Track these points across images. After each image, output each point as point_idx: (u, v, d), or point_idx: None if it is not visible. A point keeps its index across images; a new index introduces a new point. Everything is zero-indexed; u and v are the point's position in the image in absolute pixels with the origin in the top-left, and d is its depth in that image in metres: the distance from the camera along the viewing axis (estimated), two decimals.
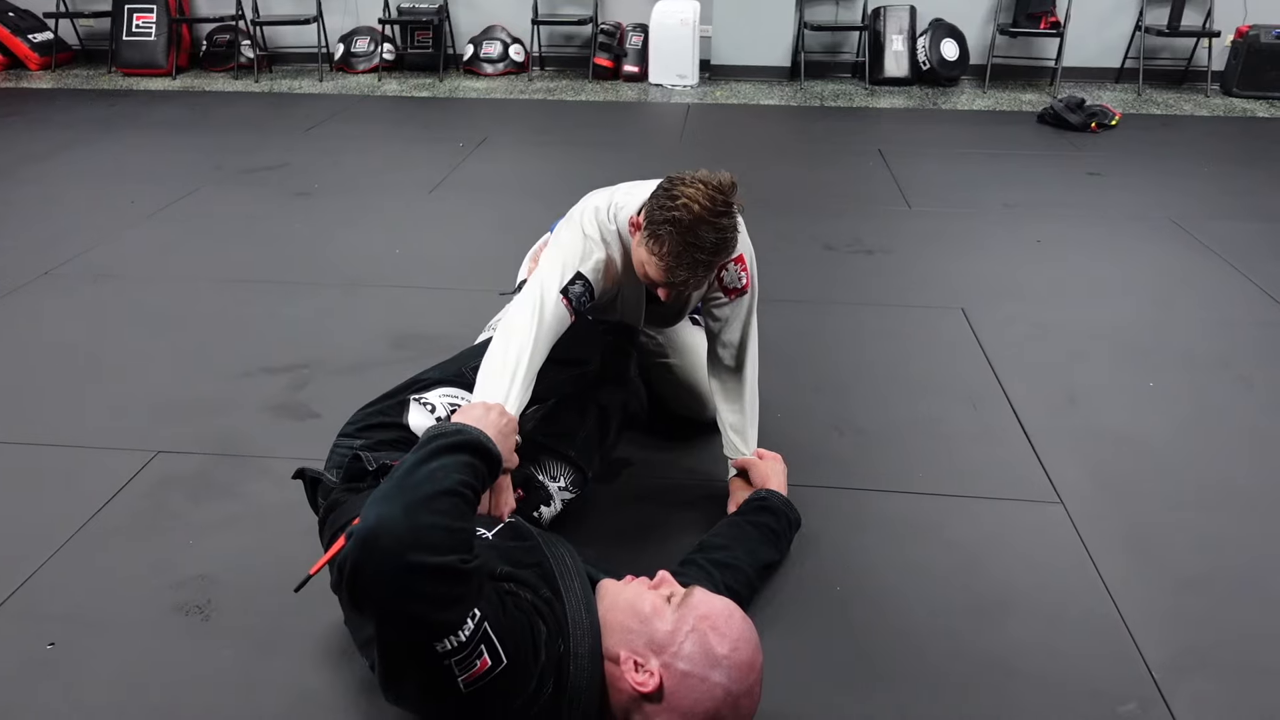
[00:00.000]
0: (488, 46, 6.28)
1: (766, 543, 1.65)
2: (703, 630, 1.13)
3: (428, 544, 1.03)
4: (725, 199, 1.48)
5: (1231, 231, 3.42)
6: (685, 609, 1.16)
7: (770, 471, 1.78)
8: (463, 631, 1.04)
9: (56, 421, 2.19)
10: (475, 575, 1.08)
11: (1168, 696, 1.45)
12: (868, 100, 5.66)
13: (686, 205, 1.46)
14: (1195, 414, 2.25)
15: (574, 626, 1.19)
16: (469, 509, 1.15)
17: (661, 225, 1.48)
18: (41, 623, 1.58)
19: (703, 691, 1.10)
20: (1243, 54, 5.66)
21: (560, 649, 1.16)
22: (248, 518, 1.86)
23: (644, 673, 1.13)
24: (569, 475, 1.68)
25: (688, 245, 1.47)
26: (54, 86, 5.93)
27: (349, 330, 2.64)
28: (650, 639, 1.15)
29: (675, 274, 1.51)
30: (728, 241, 1.50)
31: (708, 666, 1.11)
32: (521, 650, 1.12)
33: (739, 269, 1.77)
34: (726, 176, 1.51)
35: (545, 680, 1.14)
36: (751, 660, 1.14)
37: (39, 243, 3.28)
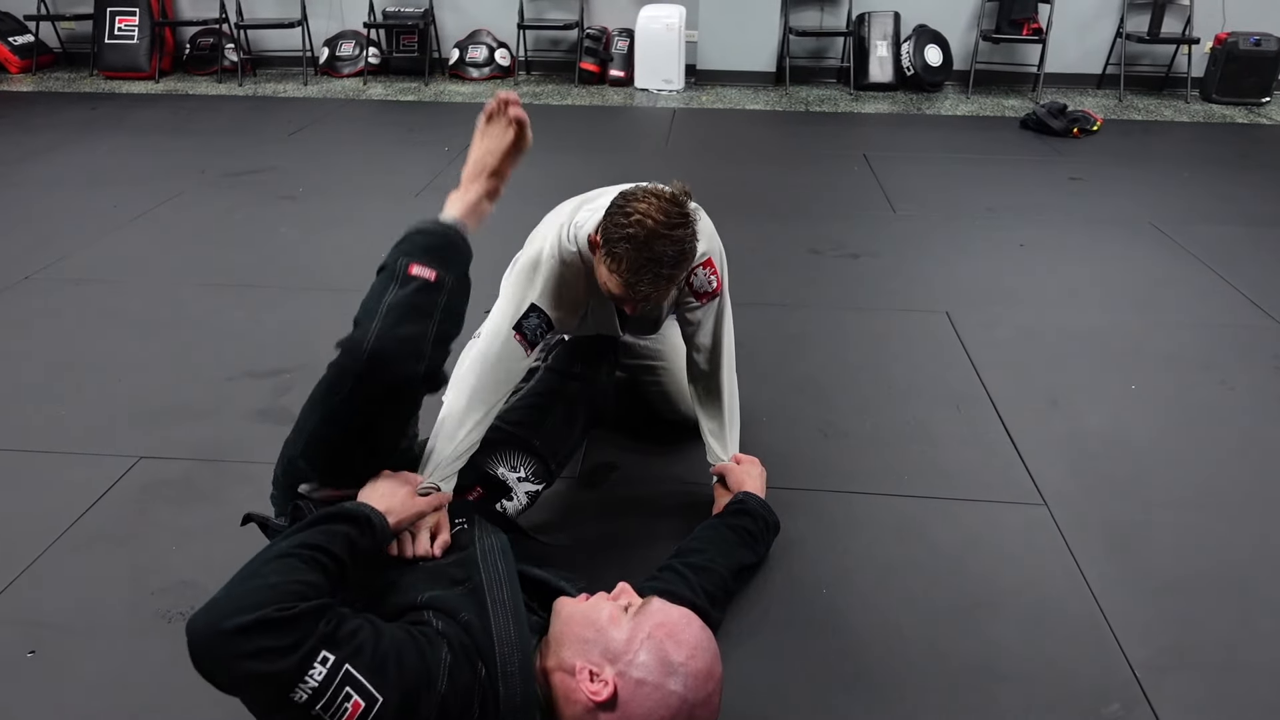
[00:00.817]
0: (473, 51, 6.27)
1: (743, 545, 1.64)
2: (658, 638, 1.12)
3: (240, 607, 1.02)
4: (679, 209, 1.48)
5: (1211, 235, 3.46)
6: (641, 617, 1.15)
7: (746, 475, 1.78)
8: (311, 677, 1.00)
9: (38, 427, 2.17)
10: (304, 619, 1.03)
11: (1151, 696, 1.46)
12: (852, 105, 5.69)
13: (640, 221, 1.45)
14: (1177, 416, 2.27)
15: (500, 644, 1.16)
16: (305, 565, 1.11)
17: (618, 244, 1.46)
18: (22, 629, 1.57)
19: (657, 700, 1.09)
20: (1221, 61, 5.73)
21: (482, 672, 1.13)
22: (230, 524, 1.83)
23: (598, 682, 1.11)
24: (530, 465, 1.68)
25: (646, 261, 1.46)
26: (35, 90, 5.88)
27: (333, 335, 2.58)
28: (605, 648, 1.13)
29: (637, 290, 1.50)
30: (686, 253, 1.50)
31: (663, 674, 1.10)
32: (406, 681, 1.05)
33: (709, 273, 1.76)
34: (678, 186, 1.52)
35: (465, 706, 1.10)
36: (709, 669, 1.12)
37: (19, 247, 3.25)
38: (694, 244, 1.51)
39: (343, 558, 1.17)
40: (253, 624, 1.00)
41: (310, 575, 1.10)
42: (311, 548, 1.14)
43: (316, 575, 1.11)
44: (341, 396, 1.34)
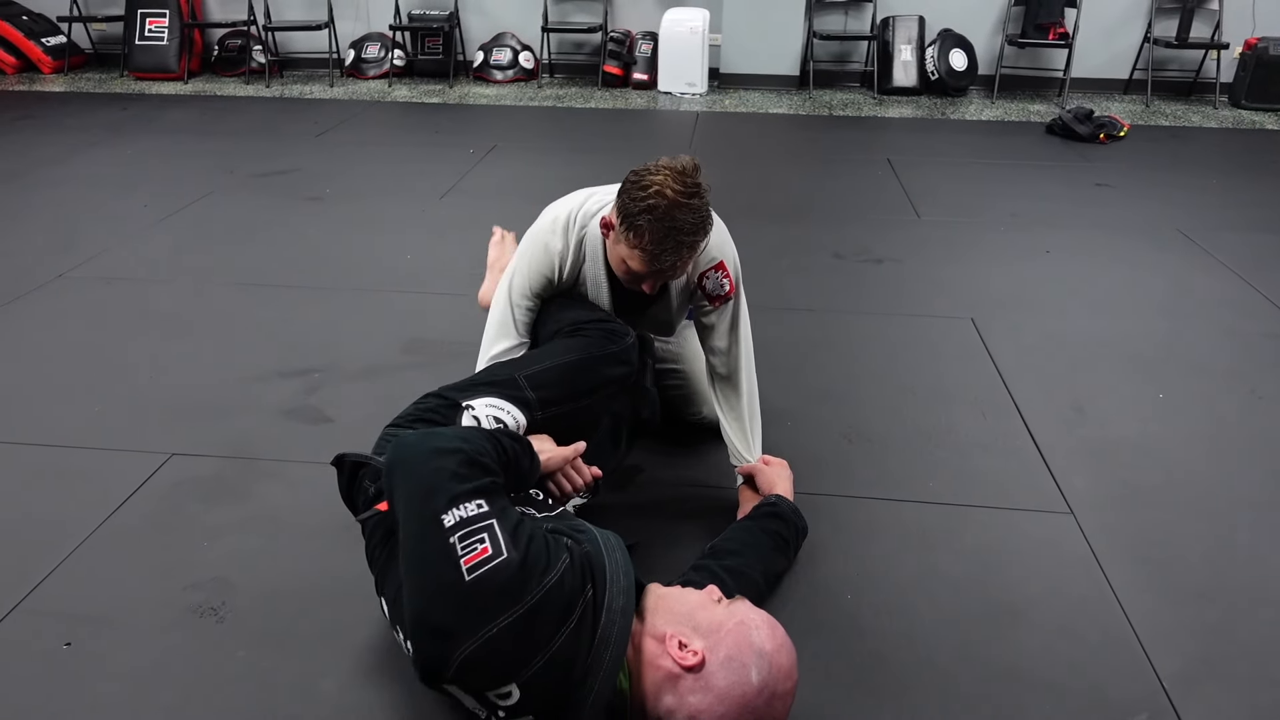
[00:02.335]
0: (497, 53, 6.31)
1: (777, 550, 1.66)
2: (749, 626, 1.18)
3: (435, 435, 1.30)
4: (694, 180, 1.52)
5: (1239, 243, 3.42)
6: (735, 606, 1.23)
7: (777, 477, 1.79)
8: (464, 509, 1.16)
9: (71, 423, 2.20)
10: (481, 471, 1.23)
11: (1179, 707, 1.45)
12: (876, 110, 5.67)
13: (659, 192, 1.49)
14: (1204, 425, 2.25)
15: (611, 581, 1.22)
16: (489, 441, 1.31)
17: (639, 216, 1.51)
18: (58, 622, 1.59)
19: (741, 676, 1.14)
20: (1251, 66, 5.67)
21: (589, 592, 1.19)
22: (261, 520, 1.87)
23: (688, 651, 1.16)
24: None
25: (668, 231, 1.50)
26: (67, 90, 5.97)
27: (361, 335, 2.65)
28: (697, 624, 1.20)
29: (660, 260, 1.53)
30: (704, 221, 1.54)
31: (750, 656, 1.15)
32: (529, 557, 1.15)
33: (721, 276, 1.78)
34: (689, 160, 1.55)
35: (568, 607, 1.15)
36: (790, 668, 1.18)
37: (53, 246, 3.31)
38: (709, 215, 1.56)
39: (511, 459, 1.35)
40: (449, 449, 1.23)
41: (492, 448, 1.30)
42: (492, 437, 1.34)
43: (496, 452, 1.30)
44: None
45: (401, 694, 1.45)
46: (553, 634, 1.14)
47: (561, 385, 1.64)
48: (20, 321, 2.75)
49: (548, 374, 1.65)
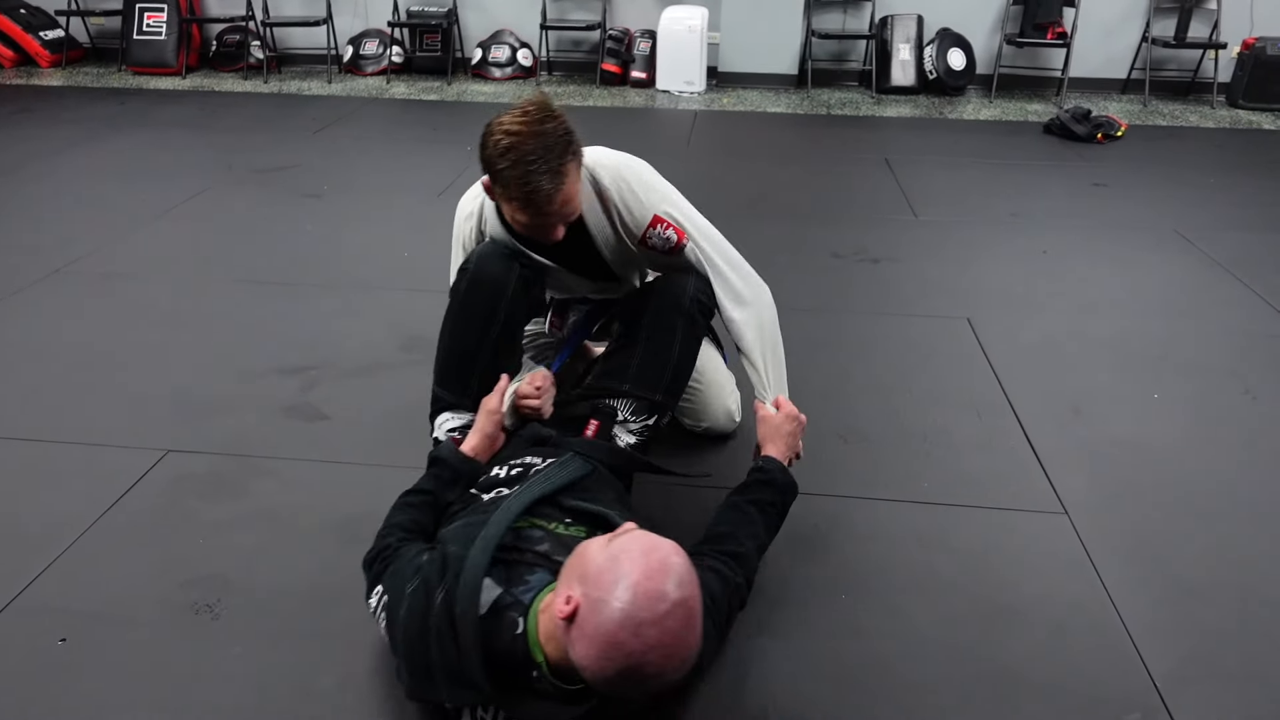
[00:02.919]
0: (496, 50, 6.30)
1: (767, 521, 1.63)
2: (619, 559, 1.13)
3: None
4: (538, 107, 1.52)
5: (1236, 243, 3.43)
6: (613, 544, 1.17)
7: (775, 431, 1.73)
8: (371, 602, 1.38)
9: (67, 419, 2.20)
10: (374, 563, 1.42)
11: (1171, 706, 1.46)
12: (874, 109, 5.67)
13: (505, 131, 1.50)
14: (1200, 425, 2.26)
15: (466, 572, 1.25)
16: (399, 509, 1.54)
17: (497, 163, 1.51)
18: (53, 618, 1.60)
19: (605, 614, 1.09)
20: (1249, 66, 5.67)
21: (438, 598, 1.25)
22: (257, 517, 1.87)
23: (569, 603, 1.13)
24: (628, 407, 1.74)
25: (526, 167, 1.49)
26: (64, 84, 5.96)
27: (358, 332, 2.65)
28: (582, 572, 1.16)
29: (535, 200, 1.51)
30: (561, 143, 1.51)
31: (614, 589, 1.10)
32: (390, 610, 1.31)
33: (663, 229, 1.74)
34: (532, 95, 1.56)
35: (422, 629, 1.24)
36: (662, 590, 1.10)
37: (49, 241, 3.30)
38: (569, 131, 1.53)
39: (433, 489, 1.56)
40: (362, 563, 1.47)
41: (397, 517, 1.51)
42: (408, 492, 1.57)
43: (402, 514, 1.51)
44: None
45: (398, 691, 1.45)
46: (425, 651, 1.24)
47: (448, 361, 1.79)
48: (16, 316, 2.74)
49: (439, 362, 1.81)
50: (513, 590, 1.25)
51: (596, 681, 1.12)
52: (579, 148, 1.58)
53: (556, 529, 1.38)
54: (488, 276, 1.74)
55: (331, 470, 2.03)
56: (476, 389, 1.75)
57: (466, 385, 1.76)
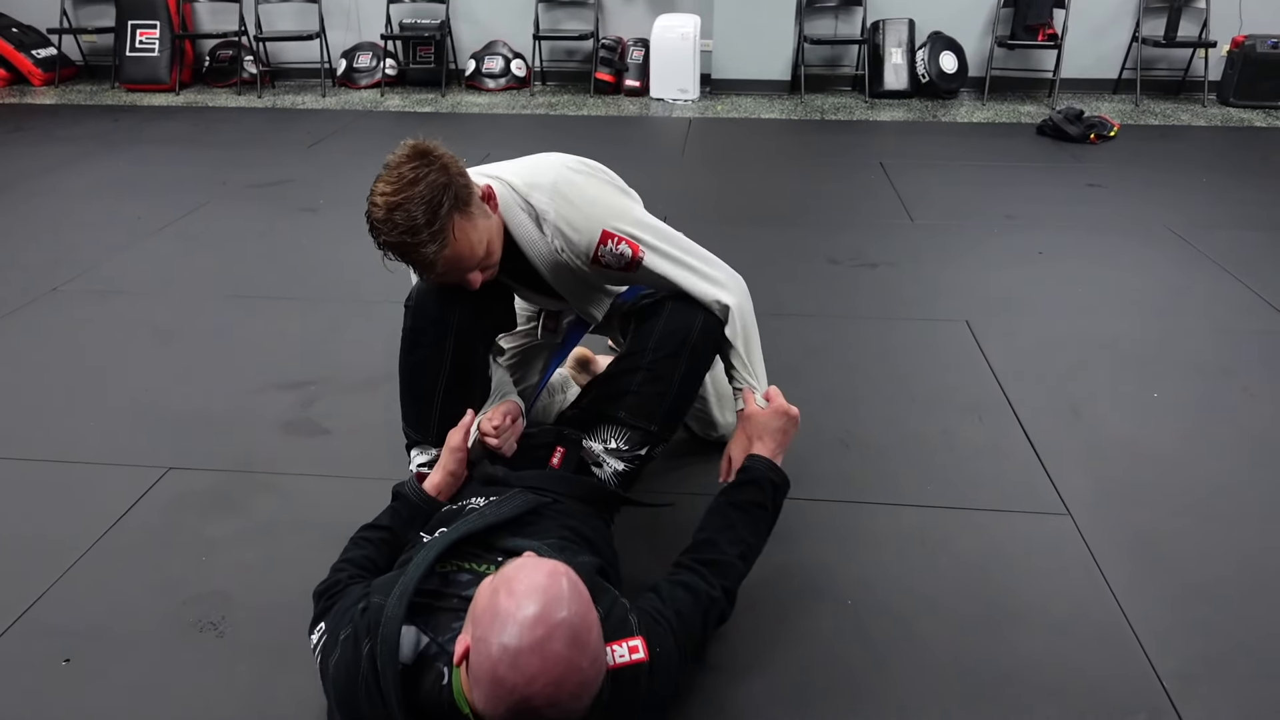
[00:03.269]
0: (489, 62, 6.32)
1: (754, 525, 1.56)
2: (498, 590, 1.08)
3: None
4: (409, 162, 1.41)
5: (1231, 241, 3.44)
6: (495, 577, 1.12)
7: (763, 429, 1.65)
8: (313, 638, 1.35)
9: (67, 438, 2.20)
10: (320, 597, 1.40)
11: (1179, 706, 1.46)
12: (868, 113, 5.69)
13: (375, 203, 1.42)
14: (1200, 423, 2.26)
15: (386, 622, 1.20)
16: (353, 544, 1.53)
17: (376, 234, 1.45)
18: (57, 638, 1.59)
19: (484, 654, 1.04)
20: (1239, 64, 5.70)
21: (365, 647, 1.20)
22: (259, 534, 1.87)
23: (463, 648, 1.09)
24: (621, 436, 1.70)
25: (400, 233, 1.40)
26: (58, 102, 5.96)
27: (357, 346, 2.65)
28: (473, 614, 1.11)
29: (422, 267, 1.47)
30: (437, 196, 1.40)
31: (490, 627, 1.05)
32: (325, 658, 1.28)
33: (614, 245, 1.62)
34: (408, 147, 1.45)
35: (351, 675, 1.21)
36: (537, 615, 1.03)
37: (46, 259, 3.30)
38: (445, 181, 1.42)
39: (388, 525, 1.55)
40: (313, 594, 1.43)
41: (352, 552, 1.50)
42: (368, 526, 1.56)
43: (357, 550, 1.50)
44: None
45: None
46: (355, 704, 1.20)
47: (404, 401, 1.76)
48: (14, 335, 2.74)
49: (403, 403, 1.77)
50: (439, 639, 1.20)
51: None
52: (465, 194, 1.46)
53: (485, 570, 1.30)
54: (429, 316, 1.66)
55: (333, 485, 2.03)
56: (437, 427, 1.69)
57: (427, 425, 1.71)
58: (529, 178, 1.63)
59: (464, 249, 1.48)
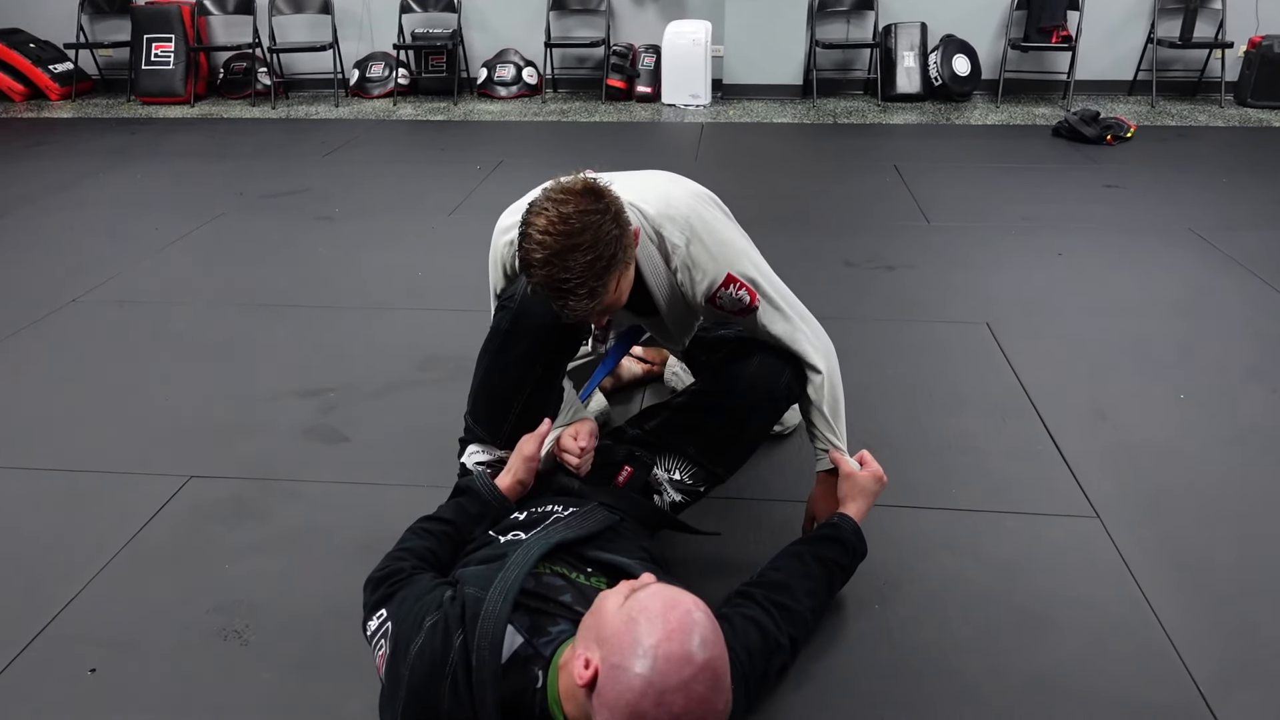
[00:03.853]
0: (501, 70, 6.34)
1: (830, 581, 1.57)
2: (637, 620, 1.06)
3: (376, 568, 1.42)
4: (586, 210, 1.33)
5: (1253, 241, 3.40)
6: (630, 602, 1.10)
7: (859, 490, 1.64)
8: (370, 624, 1.32)
9: (89, 447, 2.20)
10: (381, 583, 1.36)
11: (1217, 713, 1.43)
12: (880, 117, 5.67)
13: (541, 242, 1.32)
14: (1228, 425, 2.23)
15: (484, 619, 1.19)
16: (414, 534, 1.49)
17: (530, 270, 1.36)
18: (83, 648, 1.59)
19: (623, 683, 1.02)
20: (1256, 64, 5.66)
21: (457, 640, 1.19)
22: (282, 541, 1.86)
23: (589, 667, 1.07)
24: (686, 469, 1.71)
25: (560, 283, 1.33)
26: (75, 116, 6.01)
27: (375, 353, 2.65)
28: (599, 633, 1.09)
29: (569, 311, 1.38)
30: (599, 256, 1.33)
31: (632, 656, 1.03)
32: (398, 645, 1.24)
33: (736, 289, 1.60)
34: (579, 183, 1.37)
35: (436, 668, 1.18)
36: (685, 654, 1.03)
37: (65, 270, 3.32)
38: (609, 239, 1.34)
39: (454, 519, 1.51)
40: (365, 583, 1.40)
41: (412, 542, 1.46)
42: (427, 518, 1.53)
43: (417, 540, 1.46)
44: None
45: None
46: (436, 695, 1.18)
47: (481, 397, 1.71)
48: (36, 346, 2.75)
49: (473, 393, 1.73)
50: (534, 641, 1.20)
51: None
52: (629, 247, 1.39)
53: (578, 579, 1.31)
54: (531, 323, 1.60)
55: (354, 491, 2.02)
56: (510, 431, 1.66)
57: (499, 428, 1.68)
58: (662, 208, 1.58)
59: (611, 300, 1.41)
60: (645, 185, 1.64)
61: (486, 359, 1.67)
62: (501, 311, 1.65)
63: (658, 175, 1.75)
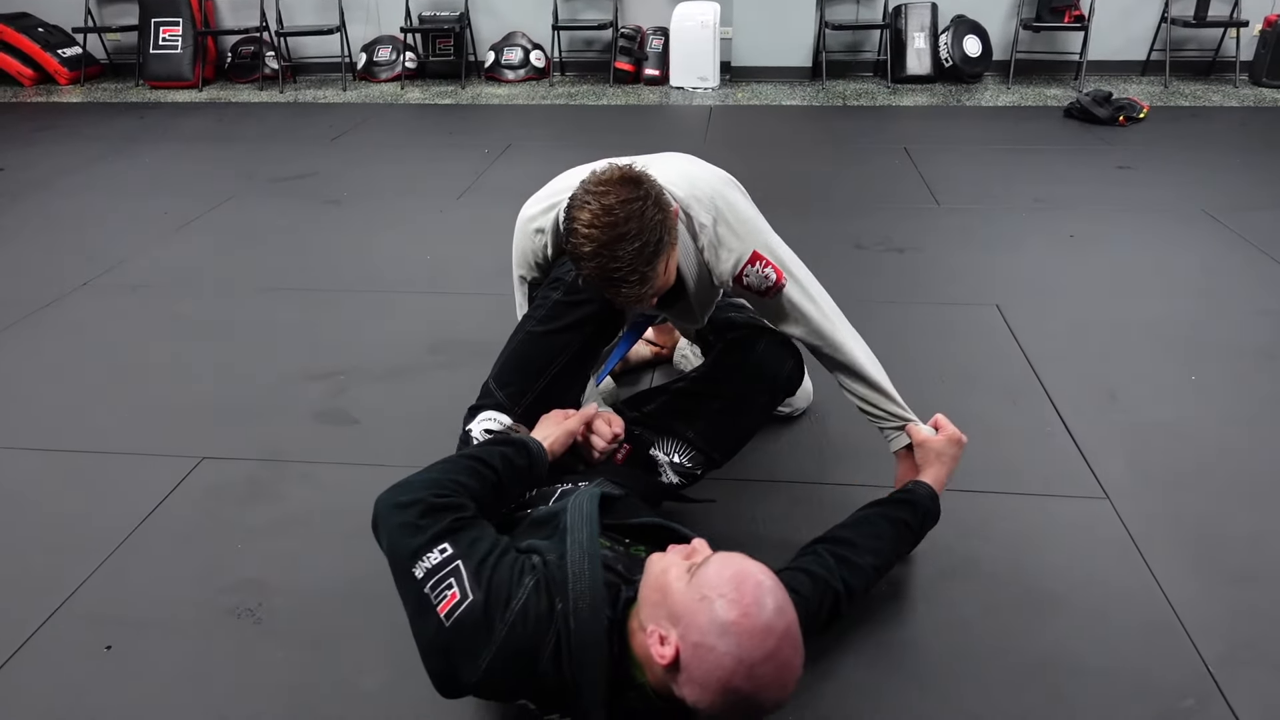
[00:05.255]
0: (509, 53, 6.31)
1: (899, 541, 1.59)
2: (711, 599, 1.09)
3: (409, 485, 1.29)
4: (623, 201, 1.36)
5: (1266, 222, 3.37)
6: (698, 578, 1.12)
7: (937, 455, 1.65)
8: (429, 559, 1.19)
9: (101, 429, 2.22)
10: (443, 511, 1.24)
11: (1226, 691, 1.43)
12: (890, 99, 5.63)
13: (589, 235, 1.36)
14: (1239, 407, 2.22)
15: (574, 582, 1.19)
16: (465, 471, 1.34)
17: (580, 263, 1.41)
18: (99, 625, 1.61)
19: (713, 662, 1.06)
20: (1272, 43, 5.59)
21: (559, 606, 1.17)
22: (294, 522, 1.88)
23: (666, 645, 1.10)
24: (685, 453, 1.73)
25: (611, 272, 1.37)
26: (84, 100, 6.02)
27: (385, 336, 2.66)
28: (670, 610, 1.12)
29: (621, 298, 1.43)
30: (647, 243, 1.37)
31: (715, 635, 1.07)
32: (493, 591, 1.17)
33: (762, 267, 1.61)
34: (616, 173, 1.40)
35: (539, 633, 1.16)
36: (766, 625, 1.07)
37: (77, 254, 3.34)
38: (654, 225, 1.38)
39: (500, 469, 1.38)
40: (409, 502, 1.25)
41: (466, 479, 1.33)
42: (474, 459, 1.38)
43: (471, 480, 1.33)
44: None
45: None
46: (534, 659, 1.16)
47: (513, 363, 1.68)
48: (48, 329, 2.77)
49: (504, 361, 1.69)
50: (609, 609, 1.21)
51: (712, 716, 1.11)
52: (673, 229, 1.43)
53: (618, 549, 1.34)
54: (587, 293, 1.60)
55: (365, 473, 2.03)
56: (531, 403, 1.65)
57: (523, 397, 1.65)
58: (688, 189, 1.59)
59: (660, 283, 1.46)
60: (669, 167, 1.65)
61: (528, 325, 1.68)
62: (555, 283, 1.66)
63: (678, 157, 1.75)
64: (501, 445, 1.44)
